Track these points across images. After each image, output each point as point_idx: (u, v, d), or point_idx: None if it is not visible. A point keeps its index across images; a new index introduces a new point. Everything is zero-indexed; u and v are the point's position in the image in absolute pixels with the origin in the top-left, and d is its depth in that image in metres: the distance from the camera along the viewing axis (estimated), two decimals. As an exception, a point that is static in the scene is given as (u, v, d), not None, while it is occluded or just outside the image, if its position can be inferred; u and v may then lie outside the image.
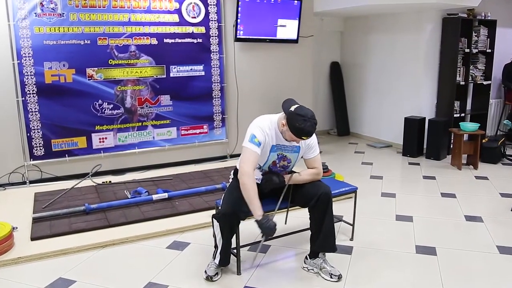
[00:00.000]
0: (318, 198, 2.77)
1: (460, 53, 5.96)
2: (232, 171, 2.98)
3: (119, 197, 4.25)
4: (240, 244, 2.92)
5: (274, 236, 2.66)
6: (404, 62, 6.40)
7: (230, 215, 2.70)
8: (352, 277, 2.88)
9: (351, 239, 3.44)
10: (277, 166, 2.88)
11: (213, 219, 2.81)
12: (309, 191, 2.83)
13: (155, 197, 4.14)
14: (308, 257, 2.98)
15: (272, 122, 2.77)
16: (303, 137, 2.65)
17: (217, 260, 2.85)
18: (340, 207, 3.98)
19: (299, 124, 2.59)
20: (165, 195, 4.18)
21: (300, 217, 3.87)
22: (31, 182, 4.89)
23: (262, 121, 2.77)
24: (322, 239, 2.83)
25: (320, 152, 3.01)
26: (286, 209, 2.94)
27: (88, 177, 4.64)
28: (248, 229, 2.95)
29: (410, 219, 3.87)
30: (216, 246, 2.87)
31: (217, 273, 2.87)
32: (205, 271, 2.88)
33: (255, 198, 2.60)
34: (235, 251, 2.93)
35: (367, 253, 3.23)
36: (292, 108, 2.65)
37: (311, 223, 2.89)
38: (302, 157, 2.92)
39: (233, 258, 2.93)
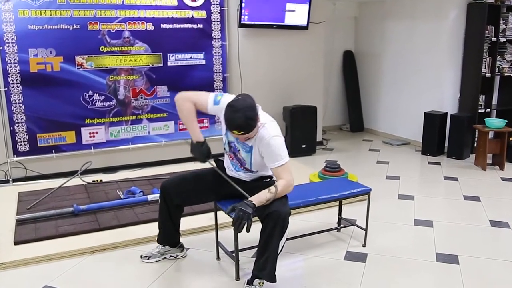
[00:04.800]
0: (268, 214, 2.62)
1: (486, 43, 5.91)
2: None
3: (111, 198, 4.23)
4: (239, 248, 2.91)
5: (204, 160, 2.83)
6: (424, 52, 6.36)
7: (162, 189, 2.97)
8: (366, 287, 2.88)
9: (364, 246, 3.43)
10: (233, 151, 2.88)
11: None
12: (266, 205, 2.68)
13: (150, 197, 4.13)
14: (247, 281, 2.76)
15: None
16: (234, 131, 2.61)
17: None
18: (353, 210, 3.98)
19: (227, 114, 2.60)
20: (161, 195, 4.16)
21: (308, 220, 3.87)
22: (14, 180, 4.90)
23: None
24: (263, 261, 2.67)
25: (332, 149, 2.97)
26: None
27: (77, 175, 4.63)
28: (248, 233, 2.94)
29: (430, 224, 3.85)
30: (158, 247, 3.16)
31: (149, 257, 3.14)
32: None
33: (190, 122, 2.86)
34: (233, 254, 2.93)
35: (382, 261, 3.22)
36: (233, 98, 2.70)
37: (260, 239, 2.71)
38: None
39: (231, 262, 2.93)
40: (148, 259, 3.15)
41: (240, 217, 2.53)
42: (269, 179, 2.92)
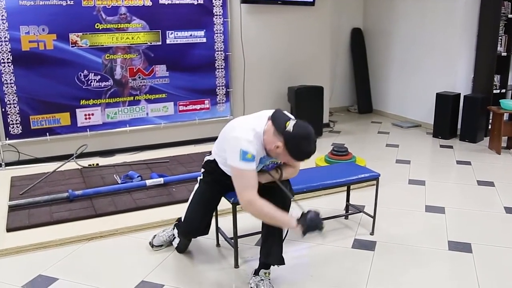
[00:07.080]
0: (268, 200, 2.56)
1: (502, 19, 5.84)
2: (203, 165, 2.88)
3: (107, 182, 4.23)
4: (238, 234, 2.92)
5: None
6: (437, 29, 6.30)
7: (190, 233, 2.99)
8: (375, 276, 2.85)
9: (371, 234, 3.41)
10: (269, 167, 2.75)
11: (174, 226, 3.13)
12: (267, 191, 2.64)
13: (148, 182, 4.12)
14: (254, 271, 2.77)
15: (257, 134, 2.49)
16: (304, 159, 2.55)
17: (175, 243, 3.13)
18: (361, 196, 3.97)
19: (305, 148, 2.45)
20: (161, 180, 4.16)
21: (314, 206, 3.83)
22: (7, 164, 4.89)
23: (246, 133, 2.48)
24: (268, 246, 2.68)
25: (339, 132, 2.93)
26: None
27: (72, 159, 4.62)
28: (247, 219, 2.92)
29: (442, 211, 3.83)
30: (173, 235, 3.15)
31: (161, 245, 3.18)
32: (154, 236, 3.20)
33: (280, 216, 2.48)
34: (232, 241, 2.94)
35: (392, 249, 3.20)
36: (290, 128, 2.42)
37: (263, 226, 2.71)
38: None
39: (231, 248, 2.95)
40: (161, 247, 3.17)
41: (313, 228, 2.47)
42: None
